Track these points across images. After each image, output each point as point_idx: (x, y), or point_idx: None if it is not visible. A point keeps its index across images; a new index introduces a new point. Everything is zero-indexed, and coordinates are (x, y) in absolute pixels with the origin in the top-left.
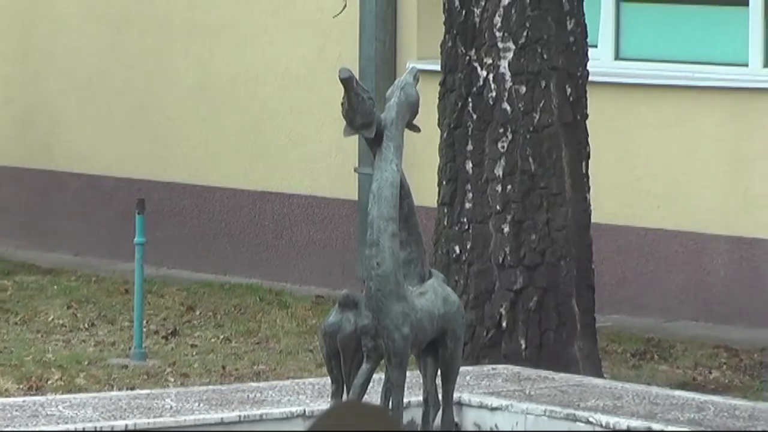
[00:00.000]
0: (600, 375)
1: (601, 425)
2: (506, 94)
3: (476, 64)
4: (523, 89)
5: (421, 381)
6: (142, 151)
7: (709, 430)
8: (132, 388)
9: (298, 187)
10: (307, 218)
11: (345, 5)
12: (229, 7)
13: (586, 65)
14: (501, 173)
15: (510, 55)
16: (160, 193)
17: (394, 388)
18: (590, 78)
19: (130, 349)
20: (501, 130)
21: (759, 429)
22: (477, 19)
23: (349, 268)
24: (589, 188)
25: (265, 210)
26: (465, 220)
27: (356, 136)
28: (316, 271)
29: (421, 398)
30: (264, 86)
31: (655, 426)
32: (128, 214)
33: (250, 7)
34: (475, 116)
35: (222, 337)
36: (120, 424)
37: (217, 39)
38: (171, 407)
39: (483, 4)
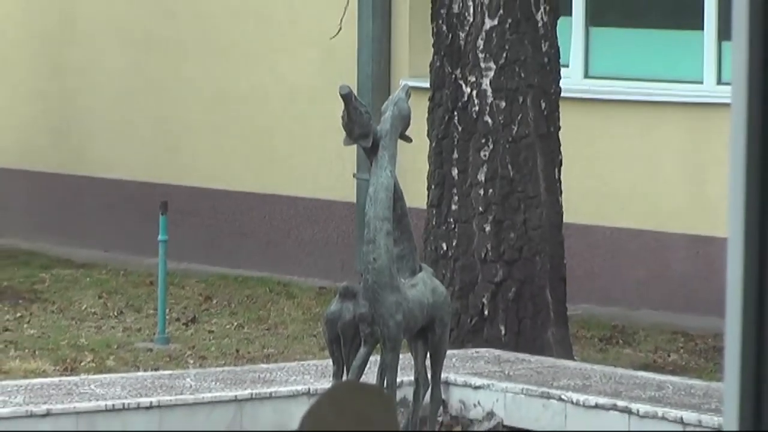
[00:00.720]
0: (571, 357)
1: (572, 402)
2: (488, 108)
3: (461, 82)
4: (503, 104)
5: (413, 363)
6: (163, 158)
7: (668, 406)
8: (156, 369)
9: (303, 191)
10: (311, 218)
11: (340, 28)
12: (240, 30)
13: (558, 83)
14: (483, 178)
15: (491, 73)
16: (180, 196)
17: (388, 369)
18: (562, 94)
19: (154, 334)
20: (483, 141)
21: (713, 406)
22: (462, 42)
23: (349, 262)
24: (561, 192)
25: (274, 211)
26: (451, 220)
27: (355, 146)
28: (319, 265)
29: (412, 378)
30: (272, 100)
31: (620, 403)
32: (152, 215)
33: (260, 30)
34: (460, 128)
35: (236, 323)
36: (145, 401)
37: (229, 58)
38: (190, 386)
39: (467, 28)
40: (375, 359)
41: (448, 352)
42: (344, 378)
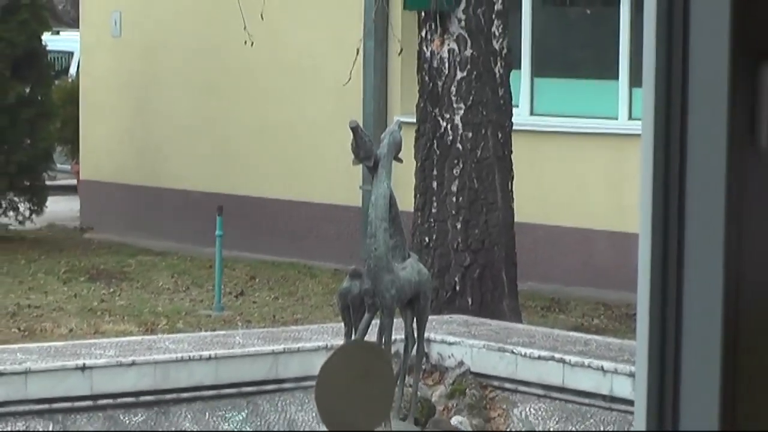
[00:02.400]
0: (519, 321)
1: (521, 354)
2: (459, 137)
3: (439, 118)
4: (470, 134)
5: (403, 325)
6: (219, 174)
7: (592, 358)
8: (213, 330)
9: (322, 198)
10: (327, 219)
11: (350, 78)
12: (275, 79)
13: (511, 119)
14: (455, 189)
15: (461, 112)
16: (232, 202)
17: (385, 330)
18: (514, 127)
19: (212, 304)
20: (455, 161)
21: (626, 358)
22: (440, 89)
23: (356, 251)
24: (513, 199)
25: (300, 213)
26: (432, 220)
27: (360, 165)
28: (333, 253)
29: (403, 336)
30: (299, 131)
31: (557, 355)
32: (211, 216)
33: (289, 79)
34: (438, 152)
35: (272, 296)
36: (205, 353)
37: (267, 100)
38: (239, 342)
39: (443, 79)
40: (375, 323)
41: (430, 317)
42: (353, 337)
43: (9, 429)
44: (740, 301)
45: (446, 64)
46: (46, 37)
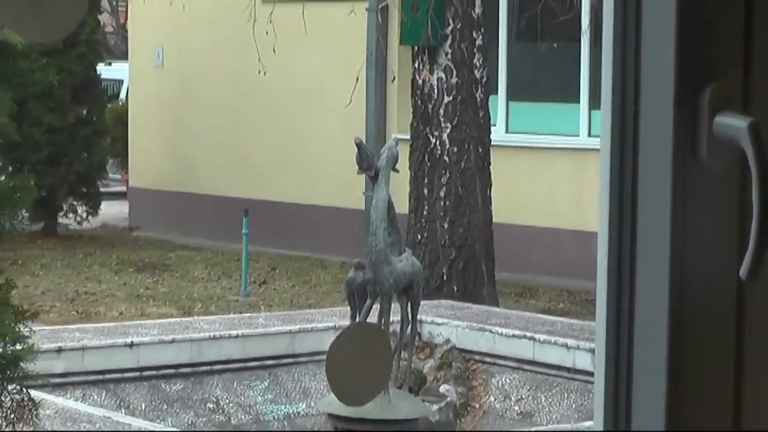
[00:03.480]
0: (497, 305)
1: (498, 333)
2: (446, 151)
3: (429, 135)
4: (455, 149)
5: (399, 309)
6: (246, 182)
7: (558, 336)
8: (240, 313)
9: (331, 202)
10: (336, 219)
11: (350, 101)
12: (292, 103)
13: (490, 135)
14: (443, 195)
15: (448, 130)
16: (256, 205)
17: (384, 314)
18: (492, 143)
19: (239, 291)
20: (443, 172)
21: (586, 336)
22: (430, 111)
23: (360, 247)
24: (491, 203)
25: (312, 214)
26: (423, 221)
27: (363, 174)
28: (341, 248)
29: (399, 318)
30: (310, 145)
31: (528, 334)
32: (238, 217)
33: (304, 102)
34: (429, 164)
35: (290, 284)
36: (234, 332)
37: (285, 120)
38: (261, 323)
39: (433, 102)
40: (376, 307)
41: (421, 302)
42: (357, 319)
43: (69, 396)
44: (683, 293)
45: (435, 90)
46: (101, 68)
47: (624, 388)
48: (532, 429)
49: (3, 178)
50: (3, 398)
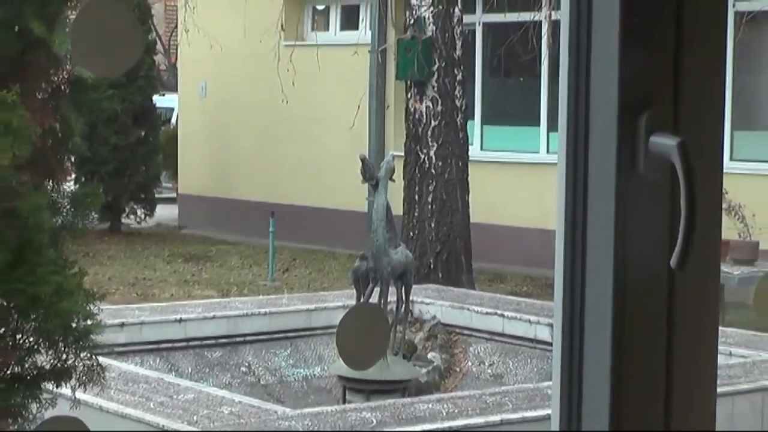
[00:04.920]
0: (473, 289)
1: (475, 311)
2: (432, 165)
3: (419, 152)
4: (440, 163)
5: (395, 292)
6: (273, 189)
7: (522, 313)
8: (268, 294)
9: (341, 206)
10: (344, 219)
11: (354, 124)
12: (308, 124)
13: (467, 153)
14: (430, 200)
15: (434, 148)
16: (281, 208)
17: (383, 296)
18: (470, 158)
19: (267, 277)
20: (430, 181)
21: (545, 314)
22: (420, 133)
23: (363, 242)
24: (469, 206)
25: (325, 216)
26: (414, 221)
27: (366, 184)
28: (349, 243)
29: (395, 299)
30: (324, 161)
31: (498, 311)
32: (266, 218)
33: (316, 124)
34: (419, 175)
35: (308, 272)
36: (263, 311)
37: (303, 138)
38: (285, 303)
39: (422, 126)
40: (377, 291)
41: (413, 286)
42: (362, 300)
43: (129, 362)
44: (625, 279)
45: (424, 116)
46: (156, 98)
47: (577, 354)
48: (502, 388)
49: (77, 186)
50: (77, 363)
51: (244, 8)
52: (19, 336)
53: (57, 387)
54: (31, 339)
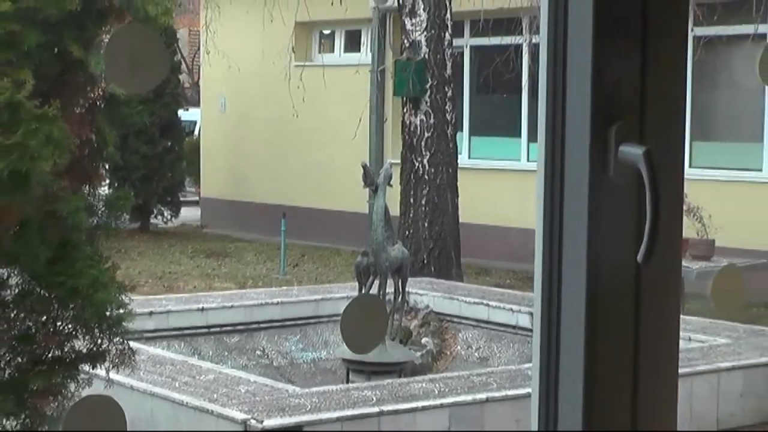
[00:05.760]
0: (462, 281)
1: (464, 301)
2: (426, 172)
3: (414, 161)
4: (433, 170)
5: (393, 284)
6: (285, 192)
7: (506, 303)
8: (280, 286)
9: (345, 208)
10: (348, 220)
11: (355, 135)
12: (315, 136)
13: (457, 161)
14: (424, 202)
15: (427, 156)
16: (291, 210)
17: (382, 287)
18: (459, 166)
19: (279, 271)
20: (424, 186)
21: (526, 304)
22: (414, 143)
23: (365, 240)
24: (458, 208)
25: (331, 217)
26: (410, 221)
27: (367, 189)
28: (352, 241)
29: (392, 290)
30: (329, 168)
31: (484, 301)
32: (278, 218)
33: (323, 135)
34: (413, 181)
35: (315, 266)
36: (275, 300)
37: (311, 148)
38: (295, 294)
39: (417, 137)
40: (376, 283)
41: (408, 279)
42: (363, 291)
43: (157, 346)
44: (597, 271)
45: (418, 128)
46: (180, 112)
47: (554, 337)
48: (487, 369)
49: (111, 190)
50: (110, 348)
51: (258, 33)
52: (59, 323)
53: (93, 368)
54: (70, 326)
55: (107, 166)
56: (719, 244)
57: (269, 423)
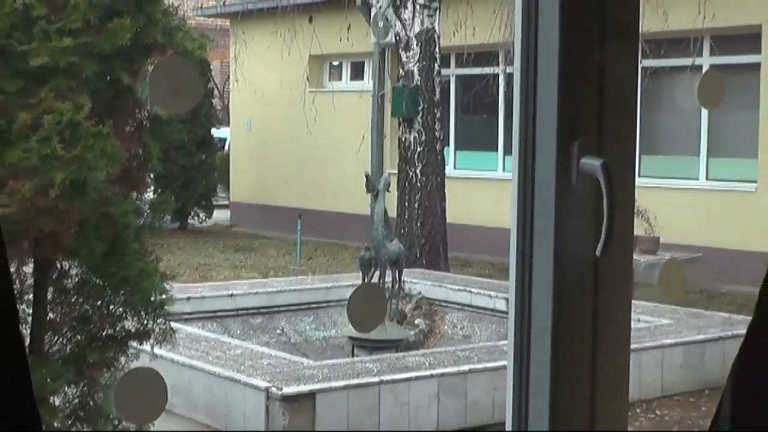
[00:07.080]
0: (449, 272)
1: (452, 289)
2: (418, 180)
3: (408, 171)
4: (424, 179)
5: (391, 274)
6: (301, 196)
7: (485, 289)
8: (297, 276)
9: (350, 210)
10: (353, 221)
11: (359, 149)
12: (326, 150)
13: (444, 171)
14: (417, 206)
15: (420, 167)
16: (306, 212)
17: (381, 277)
18: (446, 176)
19: (296, 263)
20: (417, 192)
21: (503, 292)
22: (409, 156)
23: (367, 237)
24: (445, 211)
25: (339, 218)
26: (405, 221)
27: (370, 194)
28: (357, 238)
29: (390, 279)
30: (338, 177)
31: (467, 288)
32: (295, 219)
33: (333, 150)
34: (408, 188)
35: (326, 260)
36: (292, 287)
37: (322, 160)
38: (309, 282)
39: (410, 151)
40: (377, 274)
41: (404, 270)
42: (366, 280)
43: (193, 326)
44: (562, 263)
45: (412, 144)
46: (213, 131)
47: (527, 318)
48: (470, 345)
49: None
50: (154, 327)
51: (278, 64)
52: (111, 307)
53: (139, 345)
54: (121, 309)
55: (152, 175)
56: (663, 241)
57: (287, 390)
